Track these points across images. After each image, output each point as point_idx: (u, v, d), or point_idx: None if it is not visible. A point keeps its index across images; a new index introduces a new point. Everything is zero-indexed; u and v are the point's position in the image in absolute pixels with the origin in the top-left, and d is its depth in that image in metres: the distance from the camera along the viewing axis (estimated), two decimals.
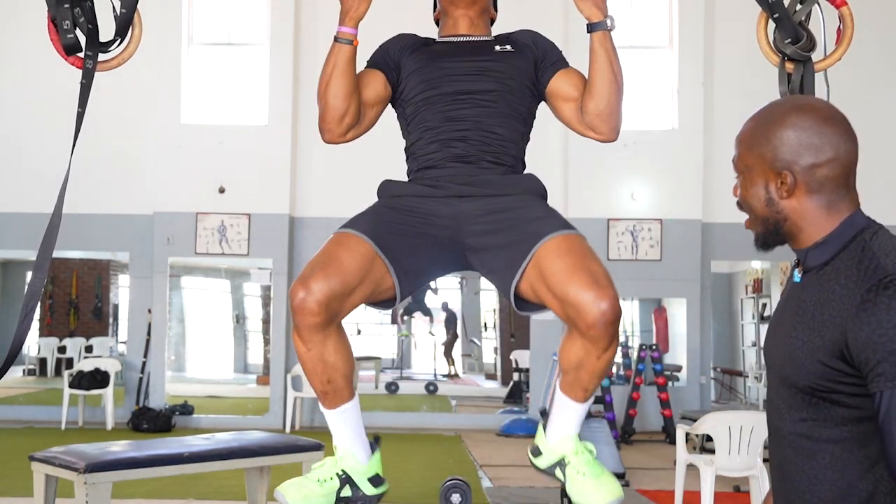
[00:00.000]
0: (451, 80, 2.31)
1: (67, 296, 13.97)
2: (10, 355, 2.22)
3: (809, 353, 1.53)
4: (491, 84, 2.31)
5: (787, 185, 1.60)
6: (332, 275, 2.02)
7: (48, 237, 2.26)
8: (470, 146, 2.26)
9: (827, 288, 1.55)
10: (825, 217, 1.59)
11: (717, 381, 12.80)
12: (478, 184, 2.22)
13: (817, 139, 1.55)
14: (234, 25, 10.40)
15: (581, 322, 1.94)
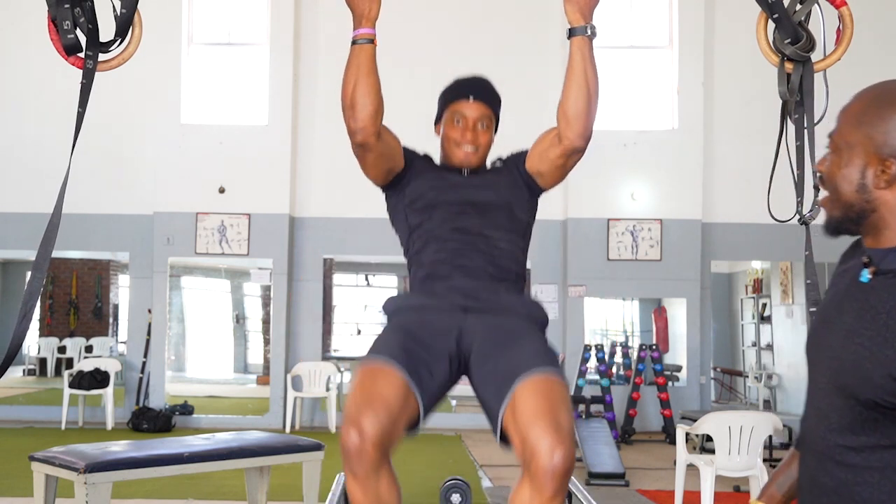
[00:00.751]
0: (456, 189, 2.39)
1: (67, 296, 13.97)
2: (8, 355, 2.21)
3: (879, 365, 1.38)
4: (492, 195, 2.39)
5: (890, 174, 1.41)
6: (379, 411, 1.98)
7: (48, 237, 2.25)
8: (475, 259, 2.30)
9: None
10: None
11: (717, 381, 12.80)
12: (484, 300, 2.23)
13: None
14: (234, 25, 10.39)
15: (533, 465, 1.90)
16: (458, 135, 2.41)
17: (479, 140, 2.42)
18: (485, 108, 2.44)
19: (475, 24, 10.27)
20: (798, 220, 2.37)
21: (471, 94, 2.44)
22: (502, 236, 2.34)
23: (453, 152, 2.43)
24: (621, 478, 6.72)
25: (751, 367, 13.26)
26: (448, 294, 2.25)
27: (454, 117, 2.43)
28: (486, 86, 2.49)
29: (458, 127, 2.42)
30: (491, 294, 2.25)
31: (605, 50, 10.13)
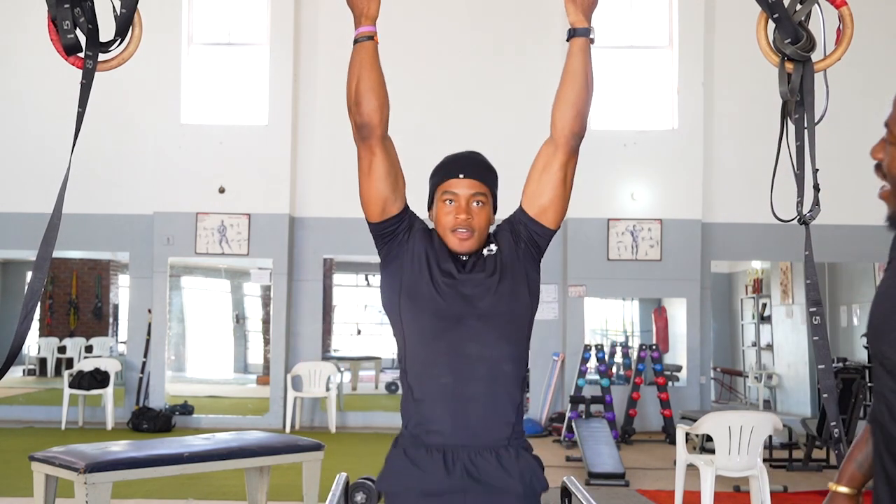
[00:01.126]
0: (454, 294, 2.17)
1: (67, 296, 13.97)
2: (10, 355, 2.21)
3: None
4: (493, 301, 2.17)
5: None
6: None
7: (48, 237, 2.25)
8: (475, 400, 2.10)
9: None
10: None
11: (717, 381, 12.80)
12: (484, 473, 2.07)
13: None
14: (234, 25, 10.40)
15: None
16: (451, 218, 2.21)
17: (474, 222, 2.21)
18: (478, 185, 2.25)
19: (475, 23, 10.27)
20: (798, 221, 2.37)
21: (461, 171, 2.25)
22: (505, 355, 2.14)
23: (448, 239, 2.22)
24: (621, 478, 6.72)
25: (751, 367, 13.26)
26: (449, 470, 2.07)
27: (445, 198, 2.23)
28: (477, 160, 2.33)
29: (450, 208, 2.22)
30: (490, 465, 2.07)
31: (605, 50, 10.13)
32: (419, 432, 2.09)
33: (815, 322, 2.32)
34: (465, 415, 2.07)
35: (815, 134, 2.36)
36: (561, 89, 2.27)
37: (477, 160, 2.32)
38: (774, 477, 6.63)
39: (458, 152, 2.34)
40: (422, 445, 2.08)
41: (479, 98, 10.01)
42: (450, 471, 2.05)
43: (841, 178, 9.45)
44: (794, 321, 12.13)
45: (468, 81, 10.11)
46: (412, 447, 2.09)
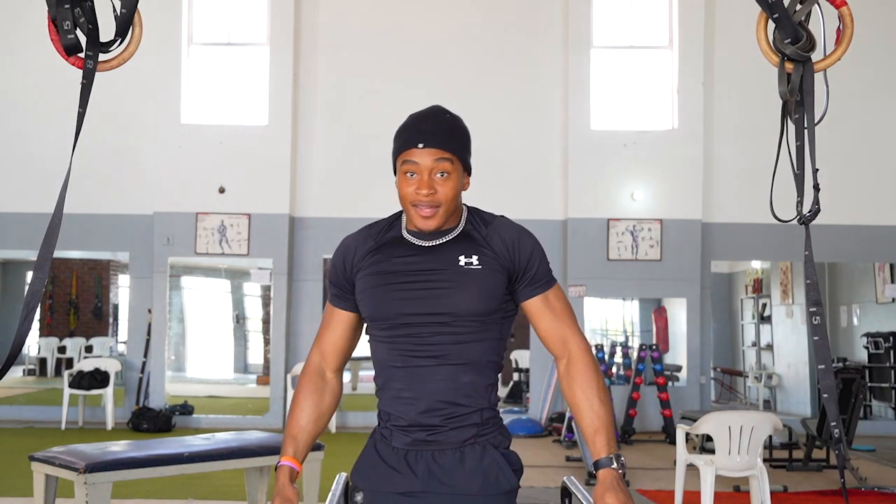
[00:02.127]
0: (409, 289, 2.00)
1: (67, 296, 13.97)
2: (10, 355, 2.21)
3: None
4: (458, 297, 1.98)
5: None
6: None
7: (49, 237, 2.25)
8: (436, 414, 2.00)
9: None
10: None
11: (717, 381, 12.80)
12: (448, 477, 1.99)
13: None
14: (234, 25, 10.40)
15: None
16: (412, 192, 1.97)
17: (439, 196, 1.96)
18: (441, 153, 1.97)
19: (475, 21, 10.27)
20: (798, 221, 2.37)
21: (420, 140, 1.98)
22: (465, 353, 1.99)
23: (410, 214, 2.00)
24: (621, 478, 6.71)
25: (751, 367, 13.26)
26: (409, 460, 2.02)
27: (405, 169, 1.98)
28: (440, 123, 2.03)
29: (411, 181, 1.97)
30: (454, 466, 1.99)
31: (606, 50, 10.14)
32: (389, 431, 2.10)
33: (815, 322, 2.32)
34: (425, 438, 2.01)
35: (815, 134, 2.36)
36: (574, 408, 2.02)
37: (440, 123, 2.03)
38: (774, 477, 6.63)
39: (419, 112, 2.07)
40: (388, 454, 2.06)
41: (480, 97, 10.00)
42: (419, 481, 1.99)
43: (841, 178, 9.47)
44: (794, 321, 12.13)
45: (468, 80, 10.10)
46: (380, 449, 2.10)
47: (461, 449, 2.00)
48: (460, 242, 2.03)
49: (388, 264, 2.03)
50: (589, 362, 2.06)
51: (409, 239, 2.05)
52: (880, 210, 10.05)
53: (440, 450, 2.00)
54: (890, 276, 10.61)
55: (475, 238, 2.04)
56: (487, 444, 2.02)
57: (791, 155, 2.42)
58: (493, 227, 2.06)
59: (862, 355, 11.19)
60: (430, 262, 2.01)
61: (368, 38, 10.21)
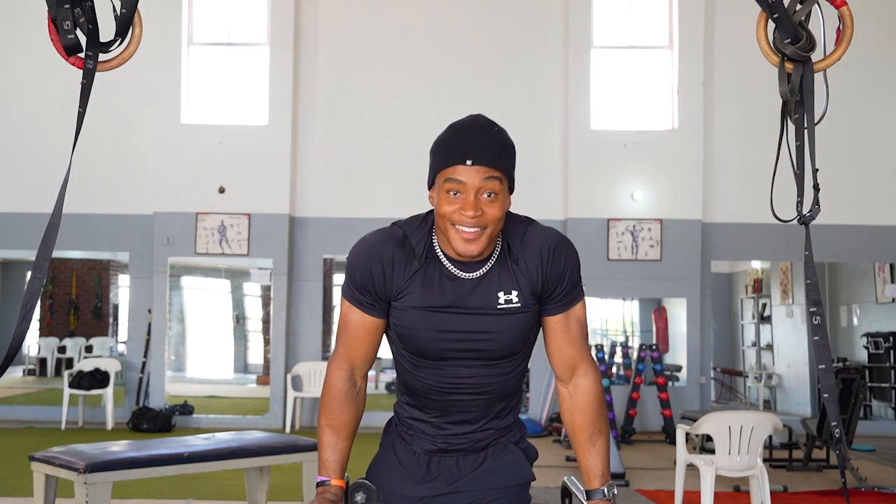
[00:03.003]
0: (452, 322, 1.92)
1: (67, 296, 13.96)
2: (8, 355, 2.21)
3: None
4: (497, 336, 1.94)
5: None
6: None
7: (48, 237, 2.25)
8: (465, 436, 2.00)
9: None
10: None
11: (717, 381, 12.80)
12: (467, 479, 2.01)
13: None
14: (234, 25, 10.40)
15: None
16: (456, 212, 1.81)
17: (485, 218, 1.81)
18: (489, 171, 1.80)
19: (476, 21, 10.27)
20: (798, 221, 2.37)
21: (468, 156, 1.80)
22: (501, 387, 2.00)
23: (450, 234, 1.83)
24: (621, 478, 6.72)
25: (751, 367, 13.26)
26: (436, 477, 2.01)
27: (449, 187, 1.81)
28: (489, 137, 1.84)
29: (455, 200, 1.81)
30: (475, 467, 2.01)
31: (605, 50, 10.14)
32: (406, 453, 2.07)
33: (815, 322, 2.32)
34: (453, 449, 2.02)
35: (815, 134, 2.36)
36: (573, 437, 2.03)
37: (489, 137, 1.83)
38: (774, 477, 6.63)
39: (463, 122, 1.88)
40: (409, 457, 2.05)
41: (481, 97, 10.00)
42: (437, 483, 2.01)
43: (841, 178, 9.47)
44: (794, 321, 12.12)
45: (469, 80, 10.10)
46: (400, 452, 2.09)
47: (483, 452, 2.02)
48: (498, 271, 1.91)
49: (432, 297, 1.89)
50: (596, 394, 2.01)
51: (448, 266, 1.90)
52: (880, 210, 10.05)
53: (463, 455, 2.01)
54: (890, 276, 10.61)
55: (512, 261, 1.92)
56: (508, 442, 2.05)
57: (791, 155, 2.42)
58: (527, 241, 1.92)
59: (862, 355, 11.19)
60: (471, 299, 1.90)
61: (368, 38, 10.21)
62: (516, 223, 1.95)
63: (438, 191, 1.84)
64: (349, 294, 1.97)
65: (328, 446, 1.97)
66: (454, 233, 1.82)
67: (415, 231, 1.94)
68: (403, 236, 1.93)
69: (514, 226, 1.94)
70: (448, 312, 1.90)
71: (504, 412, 2.04)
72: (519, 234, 1.93)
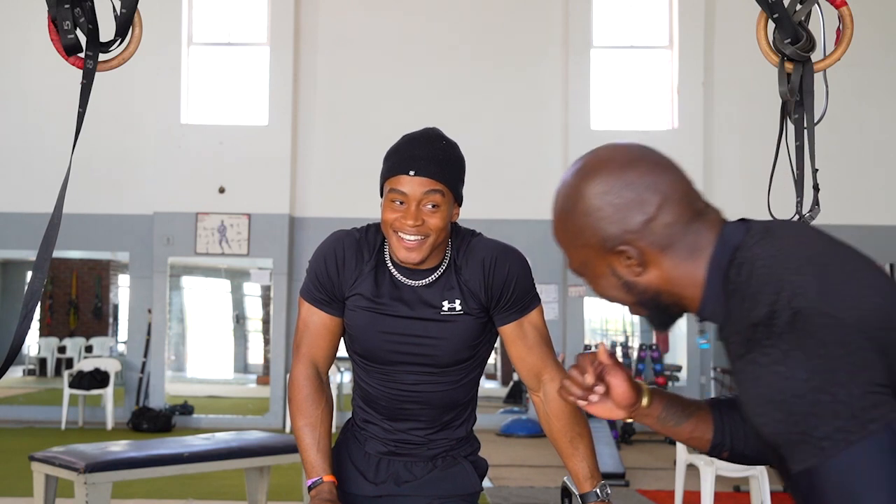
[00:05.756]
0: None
1: (67, 296, 13.97)
2: (9, 355, 2.22)
3: None
4: (444, 343, 1.95)
5: (634, 258, 1.25)
6: None
7: (48, 237, 2.26)
8: (415, 441, 2.02)
9: None
10: (693, 267, 1.25)
11: (717, 381, 12.81)
12: (414, 485, 2.02)
13: (630, 192, 1.29)
14: (234, 25, 10.40)
15: None
16: (397, 220, 1.84)
17: (426, 228, 1.84)
18: (431, 184, 1.82)
19: (475, 23, 10.27)
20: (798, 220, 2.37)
21: (411, 167, 1.83)
22: (448, 397, 2.00)
23: (392, 242, 1.87)
24: (621, 478, 6.72)
25: None
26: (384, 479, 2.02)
27: (392, 196, 1.85)
28: (435, 151, 1.86)
29: (397, 209, 1.84)
30: (424, 473, 2.02)
31: (605, 50, 10.14)
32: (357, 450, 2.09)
33: None
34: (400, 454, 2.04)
35: (814, 134, 2.36)
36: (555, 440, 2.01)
37: (435, 151, 1.86)
38: (774, 477, 6.63)
39: (413, 134, 1.91)
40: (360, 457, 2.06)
41: (481, 97, 10.00)
42: (387, 485, 2.03)
43: (841, 178, 9.46)
44: None
45: (468, 80, 10.10)
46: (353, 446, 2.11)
47: (433, 461, 2.04)
48: (444, 281, 1.95)
49: (379, 299, 1.94)
50: None
51: (395, 274, 1.95)
52: (880, 210, 10.05)
53: (413, 461, 2.03)
54: (890, 276, 10.62)
55: (456, 271, 1.95)
56: (458, 455, 2.06)
57: (790, 155, 2.43)
58: (469, 252, 1.96)
59: None
60: (417, 305, 1.94)
61: (368, 38, 10.21)
62: (463, 235, 1.99)
63: (385, 199, 1.88)
64: (307, 293, 2.01)
65: (310, 446, 1.96)
66: (396, 240, 1.86)
67: (371, 235, 1.99)
68: (360, 238, 1.98)
69: (461, 238, 1.98)
70: (394, 316, 1.94)
71: (454, 424, 2.05)
72: (464, 245, 1.97)
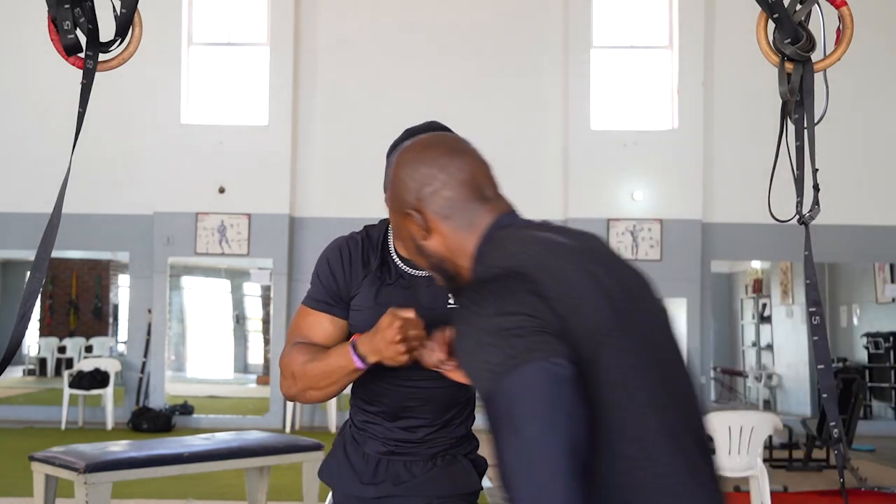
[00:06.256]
0: None
1: (67, 296, 13.97)
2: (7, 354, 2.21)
3: None
4: None
5: (420, 224, 1.45)
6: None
7: (47, 237, 2.26)
8: (415, 439, 2.02)
9: None
10: (466, 240, 1.42)
11: (717, 381, 12.80)
12: (413, 485, 2.01)
13: (425, 168, 1.46)
14: (234, 25, 10.40)
15: None
16: None
17: None
18: None
19: (474, 25, 10.27)
20: (798, 220, 2.38)
21: None
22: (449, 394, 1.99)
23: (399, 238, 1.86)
24: None
25: (751, 367, 13.26)
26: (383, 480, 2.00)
27: None
28: None
29: None
30: (423, 473, 2.01)
31: (605, 50, 10.14)
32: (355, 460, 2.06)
33: (814, 322, 2.32)
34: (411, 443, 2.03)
35: (814, 134, 2.36)
36: None
37: None
38: (774, 477, 6.62)
39: (418, 127, 1.98)
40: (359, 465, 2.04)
41: (480, 97, 10.00)
42: (385, 486, 2.01)
43: (841, 178, 9.46)
44: (794, 321, 12.12)
45: (469, 80, 10.10)
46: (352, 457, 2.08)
47: (433, 460, 2.03)
48: None
49: (384, 295, 1.94)
50: None
51: (400, 265, 1.97)
52: (880, 210, 10.05)
53: (413, 460, 2.02)
54: (890, 276, 10.61)
55: None
56: (458, 453, 2.06)
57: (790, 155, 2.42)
58: None
59: (862, 355, 11.19)
60: (423, 298, 1.93)
61: (368, 38, 10.22)
62: None
63: None
64: (310, 300, 1.99)
65: (323, 351, 1.90)
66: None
67: (375, 232, 2.01)
68: (363, 239, 2.00)
69: None
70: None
71: (455, 422, 2.05)
72: None
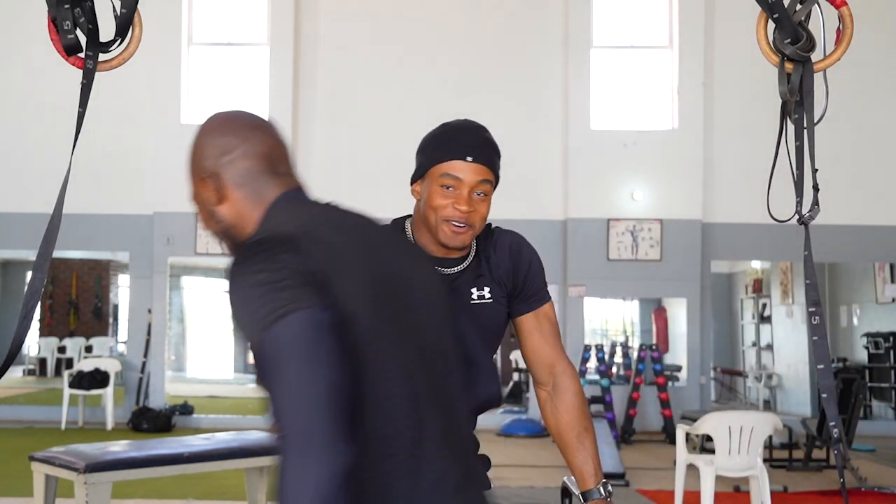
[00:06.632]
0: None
1: (67, 296, 13.98)
2: (9, 355, 2.22)
3: None
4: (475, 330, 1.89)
5: (214, 189, 1.54)
6: None
7: (48, 237, 2.26)
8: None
9: None
10: (253, 210, 1.55)
11: (717, 381, 12.81)
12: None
13: (224, 139, 1.59)
14: (234, 25, 10.40)
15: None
16: (449, 207, 1.85)
17: (475, 215, 1.86)
18: (486, 172, 1.87)
19: (476, 23, 10.27)
20: (797, 220, 2.38)
21: (469, 153, 1.86)
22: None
23: (438, 226, 1.88)
24: (621, 478, 6.72)
25: (751, 367, 13.27)
26: None
27: (444, 182, 1.86)
28: (486, 138, 1.91)
29: (449, 195, 1.86)
30: None
31: (605, 50, 10.14)
32: None
33: (814, 322, 2.32)
34: None
35: (814, 134, 2.36)
36: (561, 444, 2.00)
37: (485, 139, 1.91)
38: (774, 477, 6.63)
39: (459, 123, 1.95)
40: None
41: (481, 97, 10.00)
42: None
43: (841, 178, 9.46)
44: (794, 321, 12.13)
45: (469, 80, 10.10)
46: None
47: None
48: (472, 270, 1.95)
49: None
50: (577, 391, 2.00)
51: None
52: (880, 210, 10.05)
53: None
54: (890, 276, 10.61)
55: (484, 259, 1.96)
56: None
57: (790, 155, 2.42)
58: (496, 240, 1.98)
59: (862, 355, 11.19)
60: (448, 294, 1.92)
61: (368, 39, 10.21)
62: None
63: (431, 184, 1.89)
64: None
65: None
66: (445, 226, 1.87)
67: (399, 227, 2.02)
68: None
69: (483, 229, 1.99)
70: None
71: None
72: (487, 234, 1.99)
